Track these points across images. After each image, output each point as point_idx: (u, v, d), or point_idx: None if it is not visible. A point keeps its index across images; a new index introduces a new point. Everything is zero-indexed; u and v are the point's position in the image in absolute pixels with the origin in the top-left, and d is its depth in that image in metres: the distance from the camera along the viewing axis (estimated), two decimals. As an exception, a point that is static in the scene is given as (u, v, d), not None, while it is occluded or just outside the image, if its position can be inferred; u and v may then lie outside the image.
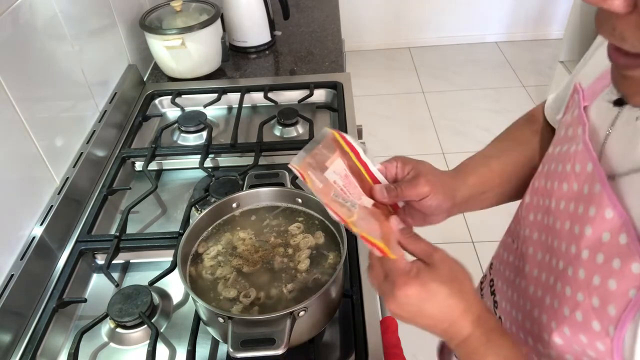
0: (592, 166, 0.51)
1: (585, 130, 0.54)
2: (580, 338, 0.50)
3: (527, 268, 0.62)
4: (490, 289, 0.75)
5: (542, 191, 0.61)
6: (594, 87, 0.56)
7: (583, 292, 0.49)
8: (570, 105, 0.61)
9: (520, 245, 0.66)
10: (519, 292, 0.65)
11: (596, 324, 0.48)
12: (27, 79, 0.91)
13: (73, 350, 0.75)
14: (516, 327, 0.65)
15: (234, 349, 0.63)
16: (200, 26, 1.30)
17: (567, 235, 0.53)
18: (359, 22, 3.44)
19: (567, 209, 0.54)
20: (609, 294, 0.46)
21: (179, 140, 1.22)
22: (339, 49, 1.52)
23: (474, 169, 0.71)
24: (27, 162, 0.90)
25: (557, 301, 0.54)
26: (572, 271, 0.51)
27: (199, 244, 0.79)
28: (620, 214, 0.46)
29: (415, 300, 0.51)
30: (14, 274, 0.81)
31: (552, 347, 0.55)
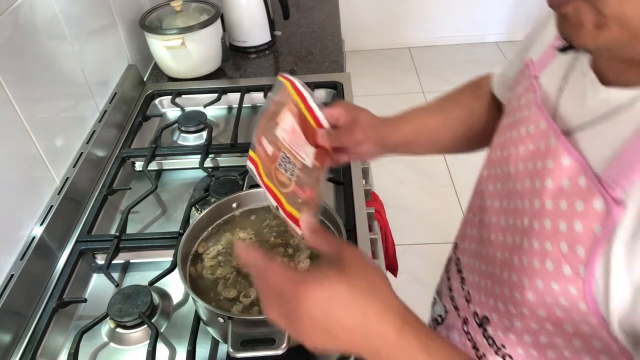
0: (546, 123, 0.54)
1: (536, 94, 0.57)
2: (553, 287, 0.51)
3: (492, 236, 0.64)
4: (456, 268, 0.77)
5: (499, 161, 0.64)
6: (543, 59, 0.59)
7: (551, 241, 0.51)
8: (521, 79, 0.64)
9: (483, 217, 0.68)
10: (487, 261, 0.66)
11: (567, 268, 0.49)
12: (27, 79, 0.91)
13: (73, 350, 0.75)
14: (485, 295, 0.66)
15: (234, 349, 0.63)
16: (200, 26, 1.30)
17: (529, 192, 0.55)
18: (359, 22, 3.44)
19: (526, 169, 0.57)
20: (576, 237, 0.47)
21: (179, 140, 1.22)
22: (339, 49, 1.52)
23: (410, 120, 0.78)
24: (27, 162, 0.90)
25: (525, 258, 0.55)
26: (537, 225, 0.53)
27: (199, 244, 0.79)
28: (576, 158, 0.48)
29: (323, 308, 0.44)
30: (14, 274, 0.81)
31: (524, 304, 0.56)
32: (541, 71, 0.59)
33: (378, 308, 0.45)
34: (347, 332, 0.44)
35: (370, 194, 1.11)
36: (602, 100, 0.48)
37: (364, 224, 0.94)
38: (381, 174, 2.53)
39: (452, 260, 0.80)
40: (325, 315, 0.44)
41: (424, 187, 2.49)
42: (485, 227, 0.66)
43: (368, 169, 1.19)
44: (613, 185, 0.43)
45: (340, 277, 0.45)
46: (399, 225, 1.68)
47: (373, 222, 1.08)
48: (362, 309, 0.44)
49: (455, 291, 0.77)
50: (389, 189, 2.41)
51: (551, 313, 0.53)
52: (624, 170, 0.43)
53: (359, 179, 1.03)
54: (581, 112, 0.50)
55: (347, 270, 0.46)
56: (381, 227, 1.22)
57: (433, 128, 0.78)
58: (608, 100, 0.47)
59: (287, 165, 0.65)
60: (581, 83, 0.51)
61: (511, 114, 0.63)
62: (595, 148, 0.47)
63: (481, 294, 0.67)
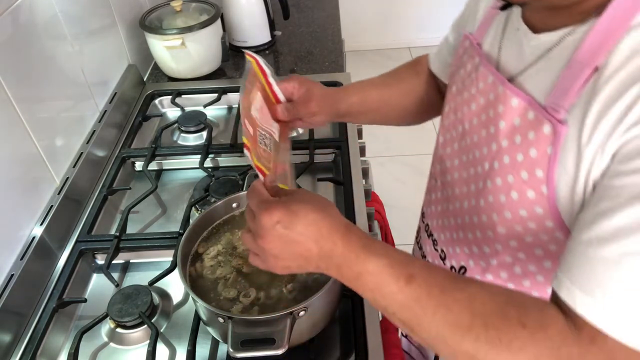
0: (492, 76, 0.62)
1: (481, 56, 0.66)
2: (521, 214, 0.58)
3: (457, 190, 0.71)
4: (426, 233, 0.83)
5: (452, 124, 0.72)
6: (481, 28, 0.69)
7: (512, 174, 0.58)
8: (461, 51, 0.73)
9: (444, 178, 0.75)
10: (454, 214, 0.72)
11: (530, 192, 0.56)
12: (27, 79, 0.91)
13: (73, 350, 0.75)
14: (459, 247, 0.72)
15: (234, 349, 0.63)
16: (200, 26, 1.30)
17: (485, 139, 0.62)
18: (359, 22, 3.44)
19: (480, 122, 0.64)
20: (533, 162, 0.55)
21: (179, 140, 1.22)
22: (339, 49, 1.52)
23: (357, 92, 0.85)
24: (27, 162, 0.90)
25: (491, 196, 0.62)
26: (497, 164, 0.60)
27: (199, 244, 0.79)
28: (523, 97, 0.56)
29: (284, 224, 0.52)
30: (14, 274, 0.81)
31: (497, 240, 0.63)
32: (481, 39, 0.68)
33: (328, 221, 0.53)
34: (304, 243, 0.53)
35: (370, 194, 1.11)
36: (535, 46, 0.57)
37: (364, 224, 0.94)
38: (381, 174, 2.54)
39: (421, 229, 0.87)
40: (286, 231, 0.52)
41: (424, 187, 2.48)
42: (449, 186, 0.73)
43: (368, 169, 1.19)
44: (556, 109, 0.51)
45: (297, 201, 0.54)
46: (399, 225, 1.68)
47: (373, 222, 1.08)
48: (316, 223, 0.53)
49: (429, 255, 0.82)
50: (389, 189, 2.41)
51: (521, 241, 0.60)
52: (562, 95, 0.51)
53: (359, 179, 1.03)
54: (520, 59, 0.59)
55: (302, 197, 0.55)
56: (381, 227, 1.22)
57: (375, 100, 0.86)
58: (540, 44, 0.56)
59: (266, 141, 0.68)
60: (516, 36, 0.60)
61: (458, 81, 0.71)
62: (535, 84, 0.56)
63: (455, 246, 0.73)
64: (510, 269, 0.65)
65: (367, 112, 0.87)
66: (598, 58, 0.48)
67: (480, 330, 0.47)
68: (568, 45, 0.52)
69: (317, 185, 1.06)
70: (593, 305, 0.44)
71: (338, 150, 1.11)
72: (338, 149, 1.11)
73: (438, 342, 0.50)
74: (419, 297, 0.49)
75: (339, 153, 1.10)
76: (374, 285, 0.51)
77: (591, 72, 0.48)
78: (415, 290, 0.50)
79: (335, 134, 1.17)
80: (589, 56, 0.49)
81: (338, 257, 0.52)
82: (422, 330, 0.50)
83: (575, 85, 0.49)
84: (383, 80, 0.89)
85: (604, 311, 0.44)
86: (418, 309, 0.49)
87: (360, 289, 0.53)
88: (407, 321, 0.51)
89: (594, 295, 0.44)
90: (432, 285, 0.50)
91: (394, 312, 0.51)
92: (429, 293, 0.49)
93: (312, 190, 1.05)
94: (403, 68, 0.92)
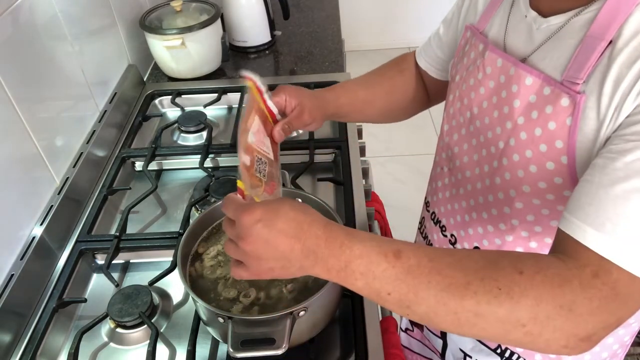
0: (502, 59, 0.64)
1: (486, 43, 0.68)
2: (539, 186, 0.61)
3: (467, 174, 0.73)
4: (433, 221, 0.84)
5: (459, 111, 0.73)
6: (484, 18, 0.71)
7: (530, 148, 0.60)
8: (463, 42, 0.75)
9: (452, 164, 0.76)
10: (466, 197, 0.74)
11: (550, 164, 0.58)
12: (27, 79, 0.91)
13: (73, 350, 0.75)
14: (472, 228, 0.73)
15: (234, 349, 0.63)
16: (200, 26, 1.30)
17: (498, 120, 0.64)
18: (359, 22, 3.44)
19: (490, 104, 0.66)
20: (552, 134, 0.57)
21: (179, 140, 1.22)
22: (339, 49, 1.52)
23: (345, 93, 0.87)
24: (27, 162, 0.90)
25: (507, 173, 0.64)
26: (513, 141, 0.62)
27: (199, 244, 0.79)
28: (537, 75, 0.59)
29: (264, 223, 0.52)
30: (14, 274, 0.81)
31: (514, 216, 0.65)
32: (483, 28, 0.71)
33: (308, 217, 0.53)
34: (286, 240, 0.52)
35: (370, 194, 1.11)
36: (544, 29, 0.60)
37: (364, 224, 0.94)
38: (381, 174, 2.54)
39: (426, 218, 0.88)
40: (267, 229, 0.52)
41: (424, 187, 2.48)
42: (458, 170, 0.75)
43: (368, 169, 1.19)
44: (574, 81, 0.54)
45: (275, 201, 0.55)
46: (399, 225, 1.68)
47: (373, 222, 1.08)
48: (296, 219, 0.53)
49: (437, 242, 0.83)
50: (389, 189, 2.41)
51: (538, 213, 0.63)
52: (579, 68, 0.54)
53: (359, 179, 1.03)
54: (529, 42, 0.62)
55: (280, 198, 0.57)
56: (381, 227, 1.22)
57: (361, 101, 0.88)
58: (549, 26, 0.59)
59: (260, 166, 0.67)
60: (524, 23, 0.63)
61: (462, 70, 0.73)
62: (548, 62, 0.59)
63: (467, 229, 0.75)
64: (526, 244, 0.67)
65: (354, 113, 0.89)
66: (611, 32, 0.52)
67: (478, 284, 0.47)
68: (578, 24, 0.56)
69: (317, 185, 1.06)
70: (602, 238, 0.47)
71: (338, 150, 1.11)
72: (338, 149, 1.11)
73: (439, 309, 0.48)
74: (410, 267, 0.49)
75: (339, 153, 1.10)
76: (364, 268, 0.50)
77: (606, 45, 0.52)
78: (405, 262, 0.50)
79: (335, 134, 1.17)
80: (602, 31, 0.53)
81: (323, 250, 0.52)
82: (421, 301, 0.49)
83: (591, 59, 0.53)
84: (368, 80, 0.91)
85: (612, 242, 0.46)
86: (412, 279, 0.49)
87: (351, 278, 0.51)
88: (404, 297, 0.49)
89: (604, 229, 0.47)
90: (421, 256, 0.50)
91: (389, 292, 0.50)
92: (419, 263, 0.49)
93: (311, 191, 1.05)
94: (388, 67, 0.94)
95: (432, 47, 0.87)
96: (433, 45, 0.87)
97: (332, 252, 0.51)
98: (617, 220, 0.47)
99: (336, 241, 0.52)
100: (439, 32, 0.86)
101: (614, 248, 0.46)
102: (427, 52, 0.89)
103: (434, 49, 0.87)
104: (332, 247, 0.51)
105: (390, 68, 0.93)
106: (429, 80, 0.91)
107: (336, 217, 0.78)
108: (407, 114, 0.95)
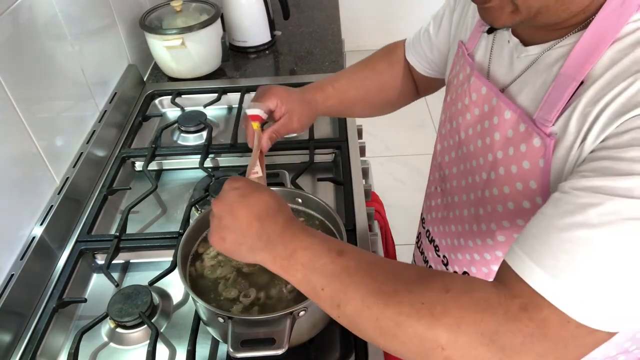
0: (486, 88, 0.64)
1: (472, 67, 0.68)
2: (518, 223, 0.60)
3: (457, 198, 0.72)
4: (427, 239, 0.84)
5: (449, 133, 0.73)
6: (472, 40, 0.70)
7: (507, 185, 0.60)
8: (456, 61, 0.74)
9: (444, 185, 0.76)
10: (455, 222, 0.73)
11: (526, 202, 0.58)
12: (27, 79, 0.91)
13: (73, 350, 0.75)
14: (461, 253, 0.73)
15: (234, 349, 0.63)
16: (200, 26, 1.30)
17: (481, 150, 0.64)
18: (359, 22, 3.44)
19: (475, 132, 0.66)
20: (527, 174, 0.57)
21: (179, 140, 1.22)
22: (339, 49, 1.52)
23: (335, 94, 0.86)
24: (27, 162, 0.90)
25: (489, 206, 0.64)
26: (494, 175, 0.62)
27: (199, 244, 0.79)
28: (514, 110, 0.58)
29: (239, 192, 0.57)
30: (14, 274, 0.81)
31: (497, 248, 0.65)
32: (472, 49, 0.70)
33: (278, 207, 0.57)
34: (247, 216, 0.56)
35: (370, 194, 1.11)
36: (523, 58, 0.60)
37: (364, 224, 0.94)
38: (381, 174, 2.54)
39: (422, 234, 0.88)
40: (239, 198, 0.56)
41: (424, 187, 2.48)
42: (448, 193, 0.75)
43: (368, 169, 1.19)
44: (544, 123, 0.54)
45: (262, 186, 0.60)
46: (399, 225, 1.68)
47: (373, 222, 1.08)
48: (267, 203, 0.57)
49: (432, 261, 0.83)
50: (389, 189, 2.41)
51: None
52: (551, 108, 0.53)
53: (359, 179, 1.03)
54: (509, 70, 0.62)
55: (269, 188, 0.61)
56: (381, 227, 1.22)
57: (352, 100, 0.88)
58: (528, 56, 0.59)
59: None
60: (506, 49, 0.63)
61: (452, 90, 0.73)
62: (525, 96, 0.58)
63: (457, 253, 0.74)
64: None
65: (345, 111, 0.93)
66: (583, 72, 0.50)
67: (403, 294, 0.47)
68: (552, 57, 0.56)
69: (317, 185, 1.06)
70: (538, 272, 0.44)
71: (338, 150, 1.11)
72: (338, 149, 1.11)
73: (363, 311, 0.49)
74: (348, 267, 0.51)
75: (339, 153, 1.10)
76: (307, 259, 0.53)
77: (577, 85, 0.51)
78: (345, 261, 0.52)
79: (335, 134, 1.17)
80: (574, 71, 0.51)
81: (276, 236, 0.55)
82: (349, 301, 0.50)
83: (562, 99, 0.52)
84: (358, 77, 0.90)
85: (548, 278, 0.44)
86: (346, 277, 0.51)
87: (292, 269, 0.53)
88: (335, 294, 0.51)
89: (543, 264, 0.44)
90: (362, 261, 0.52)
91: (322, 287, 0.52)
92: (358, 266, 0.51)
93: (311, 191, 1.05)
94: (378, 58, 0.93)
95: (421, 45, 0.87)
96: (422, 42, 0.86)
97: (283, 239, 0.54)
98: (559, 256, 0.44)
99: (290, 231, 0.55)
100: (429, 30, 0.85)
101: (549, 283, 0.44)
102: (416, 48, 0.88)
103: (422, 46, 0.86)
104: (285, 235, 0.55)
105: (381, 60, 0.93)
106: (417, 76, 0.91)
107: (336, 217, 0.78)
108: (395, 106, 0.95)
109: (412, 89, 0.93)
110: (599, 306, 0.43)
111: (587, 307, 0.43)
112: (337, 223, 0.77)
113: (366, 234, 0.92)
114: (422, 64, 0.87)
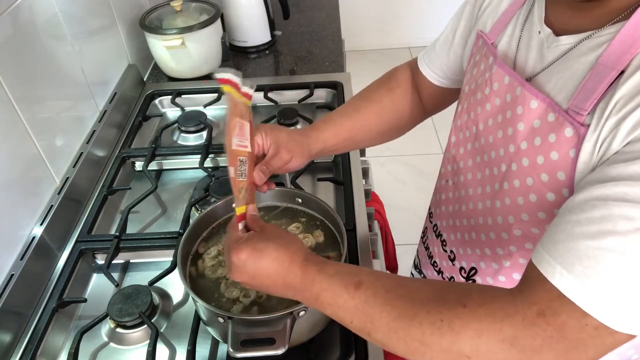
0: (509, 77, 0.62)
1: (495, 56, 0.65)
2: (539, 216, 0.59)
3: (470, 192, 0.71)
4: (434, 234, 0.83)
5: (466, 124, 0.71)
6: (496, 28, 0.68)
7: (531, 176, 0.58)
8: (475, 51, 0.72)
9: (457, 179, 0.75)
10: (467, 215, 0.72)
11: (550, 195, 0.56)
12: (27, 79, 0.91)
13: (73, 350, 0.75)
14: (470, 248, 0.72)
15: (234, 349, 0.63)
16: (200, 26, 1.30)
17: (502, 141, 0.63)
18: (359, 22, 3.44)
19: (495, 122, 0.64)
20: (554, 165, 0.55)
21: (179, 140, 1.22)
22: (339, 49, 1.52)
23: (328, 127, 0.82)
24: (27, 162, 0.90)
25: (508, 199, 0.62)
26: (515, 166, 0.60)
27: (199, 244, 0.79)
28: (543, 99, 0.57)
29: (250, 262, 0.58)
30: (14, 274, 0.81)
31: (512, 242, 0.64)
32: (496, 39, 0.68)
33: (289, 256, 0.59)
34: (268, 277, 0.59)
35: (370, 194, 1.11)
36: (554, 48, 0.58)
37: (364, 224, 0.94)
38: (381, 174, 2.54)
39: (428, 229, 0.87)
40: (253, 267, 0.59)
41: (424, 187, 2.49)
42: (461, 186, 0.73)
43: (368, 169, 1.19)
44: (579, 112, 0.52)
45: (263, 240, 0.60)
46: (399, 225, 1.68)
47: (373, 222, 1.08)
48: (278, 259, 0.58)
49: (437, 256, 0.82)
50: (389, 189, 2.41)
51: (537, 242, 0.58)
52: (586, 98, 0.51)
53: (359, 179, 1.03)
54: (539, 61, 0.60)
55: (269, 235, 0.61)
56: (381, 227, 1.22)
57: (348, 129, 0.83)
58: (560, 46, 0.57)
59: (241, 169, 0.67)
60: (536, 39, 0.61)
61: (472, 81, 0.71)
62: (554, 86, 0.56)
63: (466, 248, 0.73)
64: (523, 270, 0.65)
65: (344, 145, 0.85)
66: (623, 61, 0.49)
67: (423, 316, 0.50)
68: (588, 47, 0.54)
69: (317, 185, 1.07)
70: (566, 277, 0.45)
71: (338, 150, 1.11)
72: (338, 149, 1.11)
73: (391, 336, 0.52)
74: (367, 299, 0.54)
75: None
76: (330, 299, 0.56)
77: (616, 75, 0.49)
78: (363, 293, 0.54)
79: (335, 134, 1.16)
80: (614, 60, 0.50)
81: (299, 285, 0.58)
82: (377, 330, 0.53)
83: (599, 88, 0.50)
84: (355, 108, 0.86)
85: (572, 280, 0.45)
86: (368, 309, 0.54)
87: (322, 307, 0.57)
88: (363, 325, 0.54)
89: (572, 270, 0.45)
90: (378, 287, 0.54)
91: (351, 321, 0.55)
92: (375, 294, 0.54)
93: (311, 191, 1.05)
94: (374, 88, 0.89)
95: (435, 51, 0.83)
96: (437, 49, 0.83)
97: (306, 287, 0.58)
98: (586, 263, 0.45)
99: (309, 276, 0.58)
100: (447, 30, 0.81)
101: (574, 285, 0.45)
102: (431, 56, 0.84)
103: (438, 52, 0.82)
104: (305, 282, 0.58)
105: (378, 89, 0.89)
106: (429, 90, 0.87)
107: (336, 217, 0.78)
108: (402, 131, 0.91)
109: (418, 110, 0.89)
110: (621, 308, 0.44)
111: (610, 308, 0.44)
112: (337, 223, 0.77)
113: (366, 234, 0.92)
114: (437, 72, 0.84)
